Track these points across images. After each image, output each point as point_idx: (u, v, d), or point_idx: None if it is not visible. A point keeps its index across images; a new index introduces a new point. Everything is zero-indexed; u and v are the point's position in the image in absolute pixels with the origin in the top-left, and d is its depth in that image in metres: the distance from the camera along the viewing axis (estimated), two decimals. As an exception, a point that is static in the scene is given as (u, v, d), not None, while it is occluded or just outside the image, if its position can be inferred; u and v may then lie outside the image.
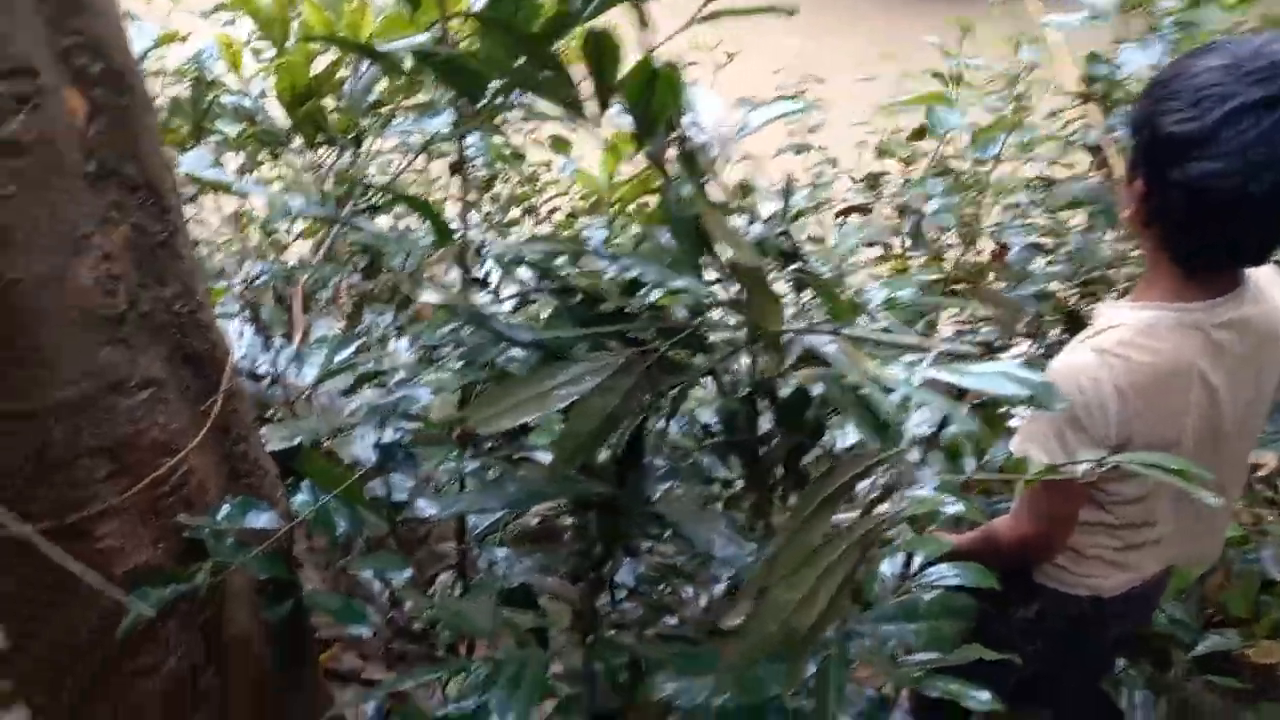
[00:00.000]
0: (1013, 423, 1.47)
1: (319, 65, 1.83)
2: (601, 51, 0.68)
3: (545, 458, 1.19)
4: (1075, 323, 2.06)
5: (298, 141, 1.89)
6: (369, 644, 2.44)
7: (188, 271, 1.09)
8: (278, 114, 1.85)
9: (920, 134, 2.69)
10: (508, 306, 1.72)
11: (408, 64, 1.35)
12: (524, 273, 1.23)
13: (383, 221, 2.70)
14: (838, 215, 2.33)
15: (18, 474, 1.01)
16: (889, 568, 1.23)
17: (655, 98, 0.71)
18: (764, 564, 0.74)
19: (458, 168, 3.13)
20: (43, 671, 1.19)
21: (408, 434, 1.55)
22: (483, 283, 2.06)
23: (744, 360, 1.10)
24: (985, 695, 0.95)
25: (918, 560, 1.28)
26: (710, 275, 0.91)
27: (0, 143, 0.84)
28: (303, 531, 2.22)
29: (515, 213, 3.18)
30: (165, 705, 1.20)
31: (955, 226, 2.69)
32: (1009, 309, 2.11)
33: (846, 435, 1.19)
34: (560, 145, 3.38)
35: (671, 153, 0.82)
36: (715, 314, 0.99)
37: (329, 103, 1.88)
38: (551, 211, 3.33)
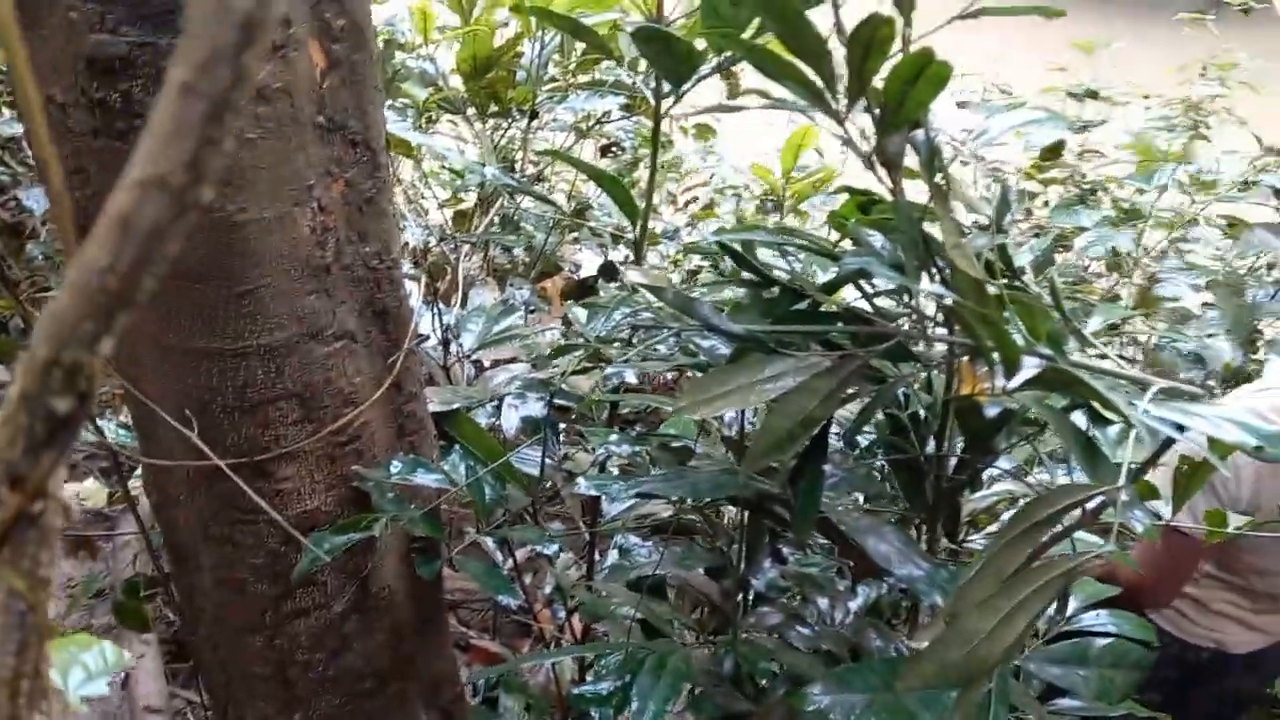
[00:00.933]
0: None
1: (500, 39, 1.86)
2: (871, 40, 0.66)
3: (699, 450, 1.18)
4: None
5: (472, 111, 1.93)
6: (469, 613, 2.49)
7: (388, 229, 1.12)
8: (456, 83, 1.89)
9: (1055, 152, 2.56)
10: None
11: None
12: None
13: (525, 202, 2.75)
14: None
15: (218, 410, 1.06)
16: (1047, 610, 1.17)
17: (914, 93, 0.69)
18: (958, 590, 0.71)
19: (608, 149, 3.15)
20: (206, 603, 1.25)
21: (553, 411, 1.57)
22: (613, 271, 2.06)
23: (921, 376, 1.07)
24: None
25: (1073, 603, 1.23)
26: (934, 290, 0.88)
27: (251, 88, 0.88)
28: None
29: (655, 200, 3.18)
30: (312, 645, 1.24)
31: (1106, 256, 2.56)
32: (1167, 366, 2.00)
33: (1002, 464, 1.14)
34: (704, 134, 3.38)
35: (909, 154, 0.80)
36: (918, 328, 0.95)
37: (504, 76, 1.92)
38: (689, 201, 3.33)
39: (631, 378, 1.27)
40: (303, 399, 1.08)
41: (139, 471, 1.44)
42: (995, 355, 0.78)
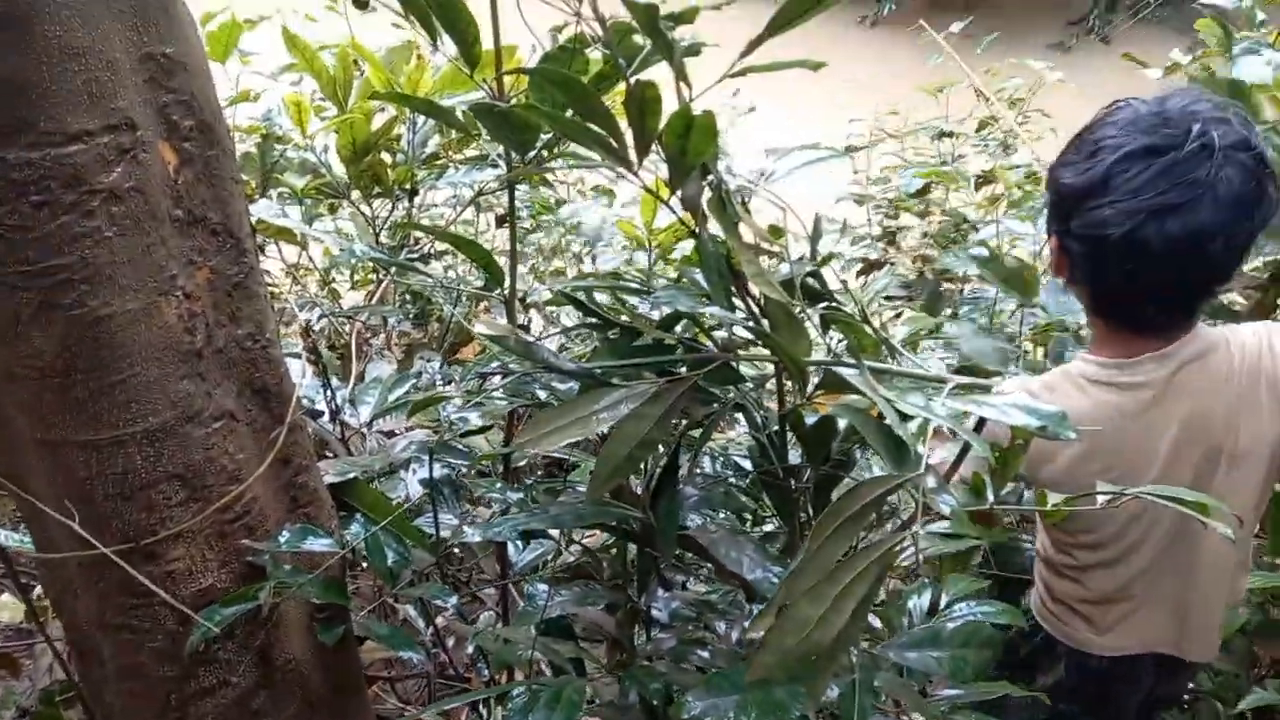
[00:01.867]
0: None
1: (378, 122, 1.95)
2: (643, 101, 0.75)
3: (584, 489, 1.24)
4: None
5: (356, 194, 2.01)
6: (409, 687, 2.48)
7: (260, 310, 1.18)
8: (340, 169, 1.97)
9: (925, 191, 2.74)
10: (550, 346, 1.79)
11: (461, 119, 1.45)
12: (566, 320, 1.30)
13: (435, 271, 2.82)
14: (858, 274, 2.39)
15: (100, 498, 1.10)
16: (916, 603, 1.26)
17: (691, 144, 0.79)
18: (786, 580, 0.78)
19: (504, 219, 3.25)
20: (114, 697, 1.26)
21: (454, 471, 1.62)
22: (524, 329, 2.14)
23: (773, 399, 1.16)
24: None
25: (946, 597, 1.31)
26: (741, 315, 0.97)
27: (103, 190, 0.94)
28: (350, 576, 2.29)
29: (558, 262, 3.28)
30: (223, 724, 1.26)
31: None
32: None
33: (873, 469, 1.23)
34: (604, 195, 3.50)
35: (705, 197, 0.89)
36: (747, 350, 1.04)
37: (386, 158, 2.00)
38: (593, 259, 3.43)
39: (475, 420, 1.34)
40: (185, 480, 1.12)
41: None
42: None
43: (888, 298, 2.22)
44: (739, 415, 1.25)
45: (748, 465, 1.33)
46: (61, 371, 1.00)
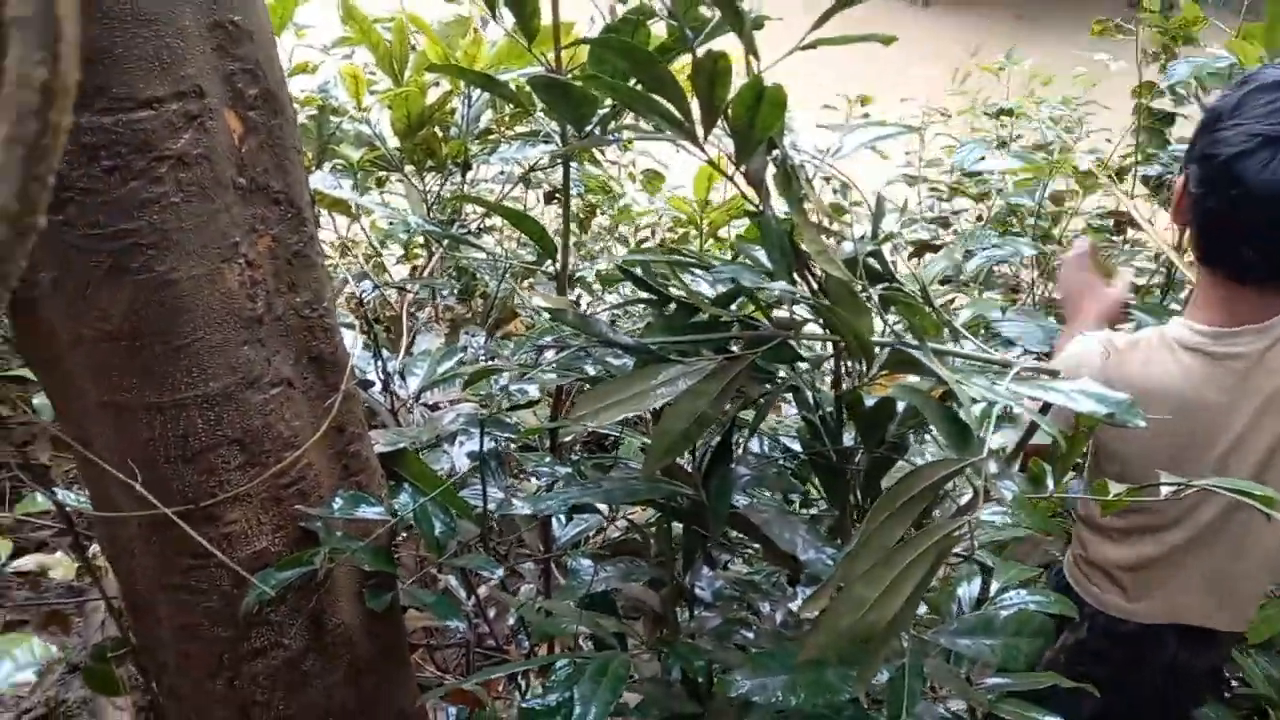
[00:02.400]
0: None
1: (432, 96, 1.96)
2: (714, 72, 0.74)
3: (634, 465, 1.24)
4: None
5: (409, 168, 2.02)
6: (449, 656, 2.52)
7: (318, 280, 1.19)
8: (394, 142, 1.98)
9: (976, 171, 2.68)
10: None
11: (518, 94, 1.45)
12: (612, 299, 1.29)
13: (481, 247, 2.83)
14: (910, 256, 2.36)
15: (162, 460, 1.12)
16: (966, 591, 1.24)
17: (760, 117, 0.77)
18: (843, 561, 0.77)
19: (553, 196, 3.26)
20: (168, 656, 1.29)
21: (502, 444, 1.63)
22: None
23: (828, 380, 1.15)
24: (1057, 720, 0.96)
25: (995, 585, 1.30)
26: (803, 293, 0.96)
27: (172, 156, 0.95)
28: (395, 544, 2.32)
29: (608, 241, 3.28)
30: (272, 685, 1.29)
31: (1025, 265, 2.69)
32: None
33: (926, 455, 1.21)
34: (653, 183, 3.49)
35: (770, 172, 0.88)
36: (807, 329, 1.03)
37: (439, 132, 2.01)
38: (642, 241, 3.43)
39: (534, 392, 1.34)
40: (244, 445, 1.14)
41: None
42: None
43: (943, 281, 2.19)
44: (789, 396, 1.24)
45: (796, 447, 1.33)
46: (128, 335, 1.02)
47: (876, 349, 0.84)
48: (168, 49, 0.94)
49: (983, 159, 2.15)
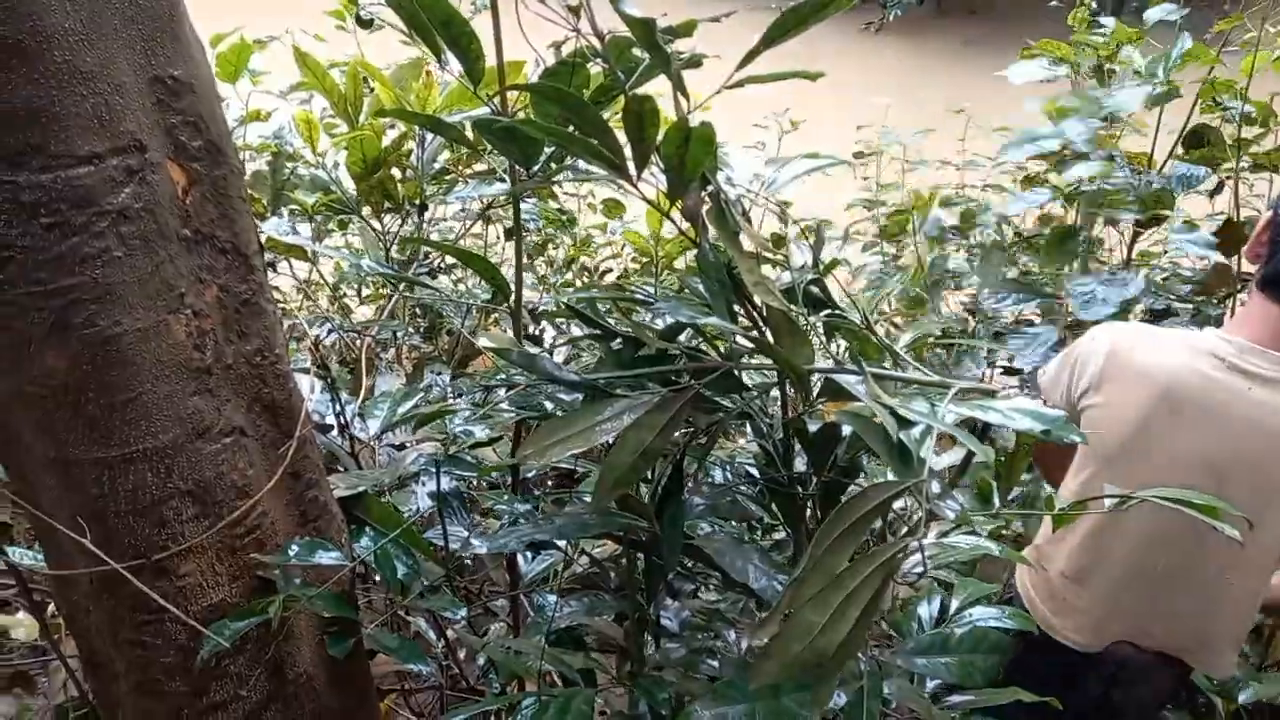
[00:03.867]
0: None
1: (389, 138, 1.97)
2: (641, 113, 0.76)
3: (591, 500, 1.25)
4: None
5: (366, 210, 2.03)
6: (423, 700, 2.49)
7: (268, 327, 1.20)
8: (350, 185, 1.99)
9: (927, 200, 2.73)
10: (558, 358, 1.80)
11: (470, 135, 1.47)
12: (577, 330, 1.31)
13: (444, 284, 2.84)
14: (870, 282, 2.41)
15: (111, 515, 1.11)
16: (926, 610, 1.25)
17: (689, 155, 0.79)
18: (790, 587, 0.78)
19: (512, 232, 3.27)
20: (127, 713, 1.27)
21: (464, 484, 1.63)
22: (536, 340, 2.16)
23: (778, 405, 1.16)
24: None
25: (955, 603, 1.31)
26: (745, 323, 0.98)
27: (113, 211, 0.95)
28: (362, 590, 2.30)
29: (569, 274, 3.30)
30: (235, 738, 1.27)
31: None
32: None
33: (884, 475, 1.23)
34: (613, 210, 3.52)
35: (705, 207, 0.90)
36: (753, 360, 1.05)
37: (396, 173, 2.02)
38: (605, 273, 3.45)
39: (481, 433, 1.35)
40: (196, 496, 1.13)
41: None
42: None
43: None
44: (747, 423, 1.26)
45: (756, 473, 1.34)
46: (73, 390, 1.01)
47: (816, 376, 0.85)
48: (106, 105, 0.94)
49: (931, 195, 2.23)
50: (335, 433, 1.64)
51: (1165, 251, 2.48)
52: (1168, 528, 1.35)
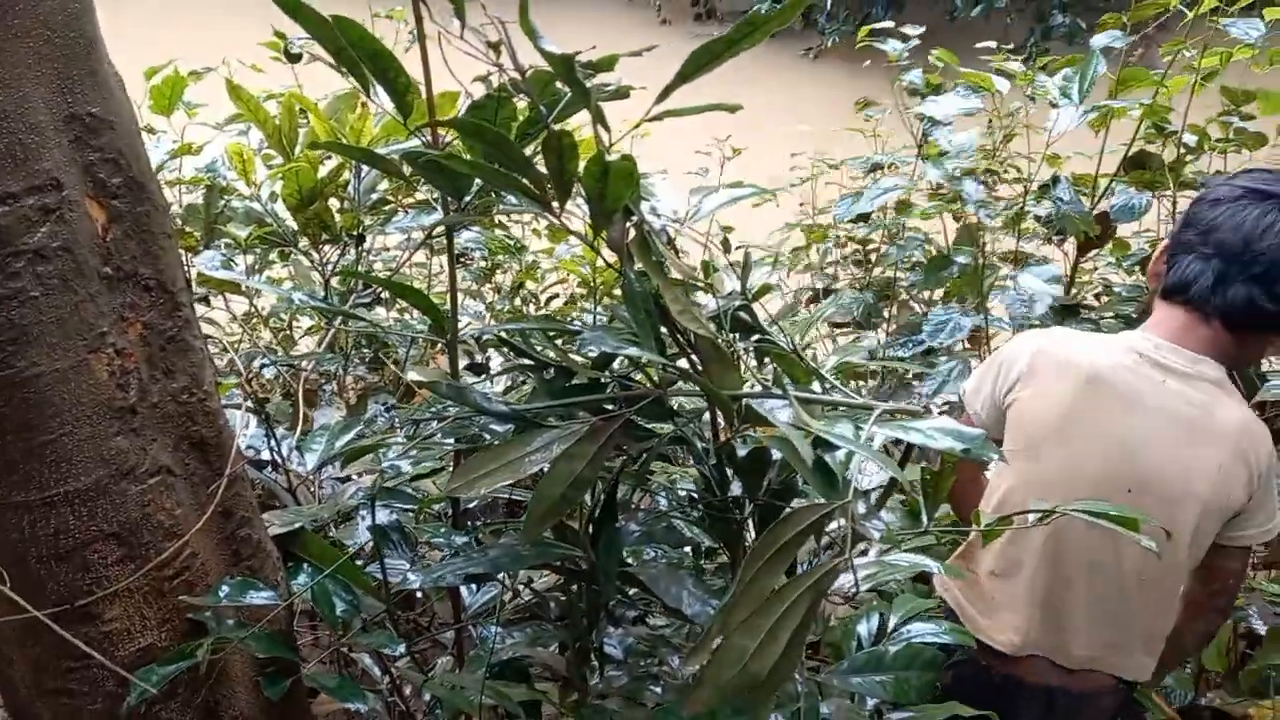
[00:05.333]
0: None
1: (325, 169, 1.96)
2: (560, 148, 0.77)
3: (532, 530, 1.24)
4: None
5: (304, 242, 2.01)
6: (372, 735, 2.45)
7: (196, 363, 1.18)
8: (287, 217, 1.97)
9: (865, 217, 2.77)
10: (499, 387, 1.79)
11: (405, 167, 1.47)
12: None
13: (387, 315, 2.82)
14: (807, 303, 2.45)
15: (32, 560, 1.08)
16: (865, 628, 1.27)
17: (609, 189, 0.80)
18: (720, 612, 0.79)
19: (454, 261, 3.26)
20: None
21: (405, 517, 1.61)
22: (482, 368, 2.15)
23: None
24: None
25: (893, 620, 1.33)
26: (674, 350, 0.99)
27: (29, 251, 0.94)
28: (309, 626, 2.26)
29: (516, 301, 3.29)
30: (167, 787, 1.23)
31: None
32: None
33: (817, 497, 1.24)
34: (559, 235, 3.52)
35: (630, 237, 0.91)
36: (684, 385, 1.06)
37: (334, 204, 2.01)
38: (551, 298, 3.45)
39: (408, 468, 1.34)
40: (121, 538, 1.11)
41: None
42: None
43: (835, 325, 2.27)
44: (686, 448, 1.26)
45: (695, 496, 1.34)
46: (-12, 434, 0.99)
47: (740, 402, 0.87)
48: (20, 145, 0.93)
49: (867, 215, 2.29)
50: (271, 469, 1.62)
51: (1092, 277, 2.56)
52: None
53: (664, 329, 0.97)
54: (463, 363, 2.97)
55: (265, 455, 1.63)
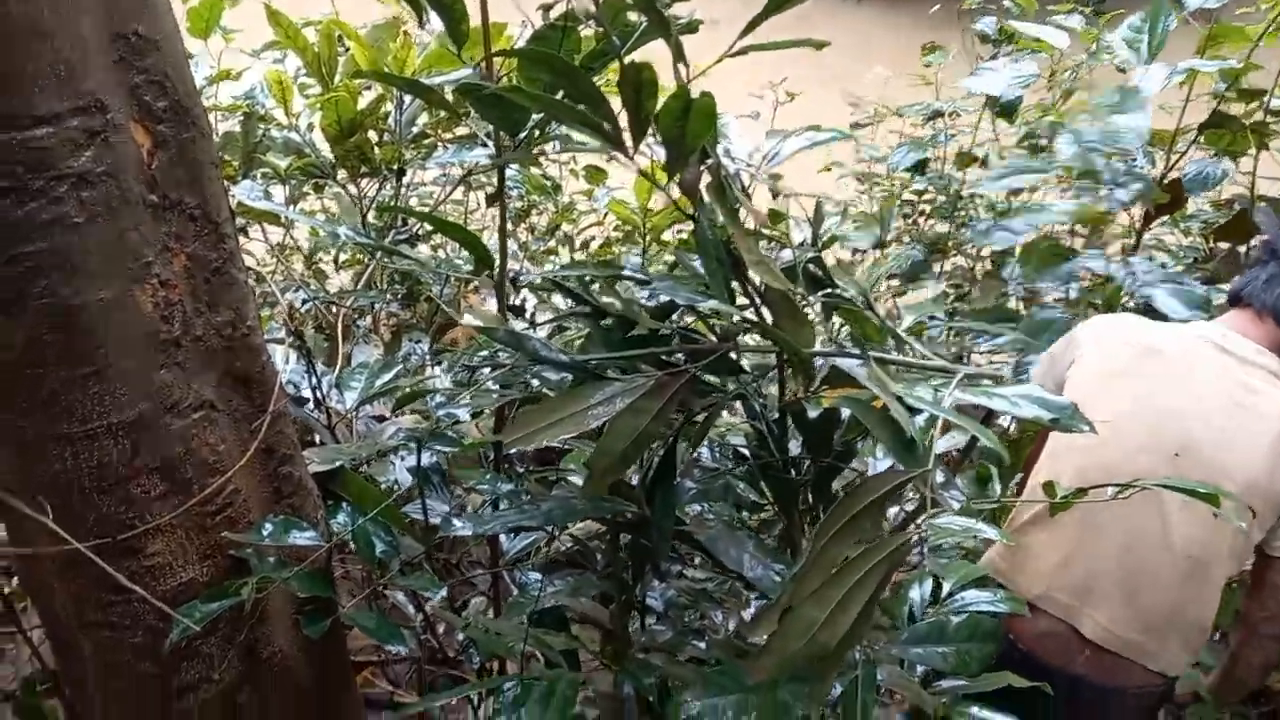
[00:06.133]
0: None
1: (364, 100, 1.89)
2: (639, 83, 0.71)
3: (577, 480, 1.21)
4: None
5: (342, 174, 1.96)
6: (400, 670, 2.47)
7: (240, 297, 1.14)
8: (325, 148, 1.91)
9: (922, 167, 2.65)
10: (542, 333, 1.75)
11: (450, 99, 1.40)
12: (559, 300, 1.26)
13: (422, 252, 2.77)
14: (854, 256, 2.38)
15: (75, 492, 1.06)
16: (918, 593, 1.23)
17: (689, 128, 0.75)
18: (790, 581, 0.75)
19: (494, 199, 3.20)
20: (96, 691, 1.23)
21: (444, 458, 1.59)
22: (519, 310, 2.11)
23: (773, 386, 1.13)
24: (1014, 721, 0.95)
25: (947, 586, 1.29)
26: (743, 302, 0.94)
27: (72, 175, 0.89)
28: (339, 560, 2.26)
29: (551, 242, 3.23)
30: None
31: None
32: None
33: (878, 461, 1.20)
34: (596, 176, 3.45)
35: (705, 181, 0.85)
36: (748, 339, 1.01)
37: (373, 136, 1.95)
38: (587, 242, 3.39)
39: (464, 416, 1.31)
40: (164, 473, 1.08)
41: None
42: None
43: (890, 278, 2.20)
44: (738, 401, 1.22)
45: (747, 453, 1.30)
46: (32, 363, 0.96)
47: (818, 361, 0.82)
48: (64, 63, 0.88)
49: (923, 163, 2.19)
50: (311, 405, 1.59)
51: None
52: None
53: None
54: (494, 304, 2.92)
55: (304, 392, 1.60)
